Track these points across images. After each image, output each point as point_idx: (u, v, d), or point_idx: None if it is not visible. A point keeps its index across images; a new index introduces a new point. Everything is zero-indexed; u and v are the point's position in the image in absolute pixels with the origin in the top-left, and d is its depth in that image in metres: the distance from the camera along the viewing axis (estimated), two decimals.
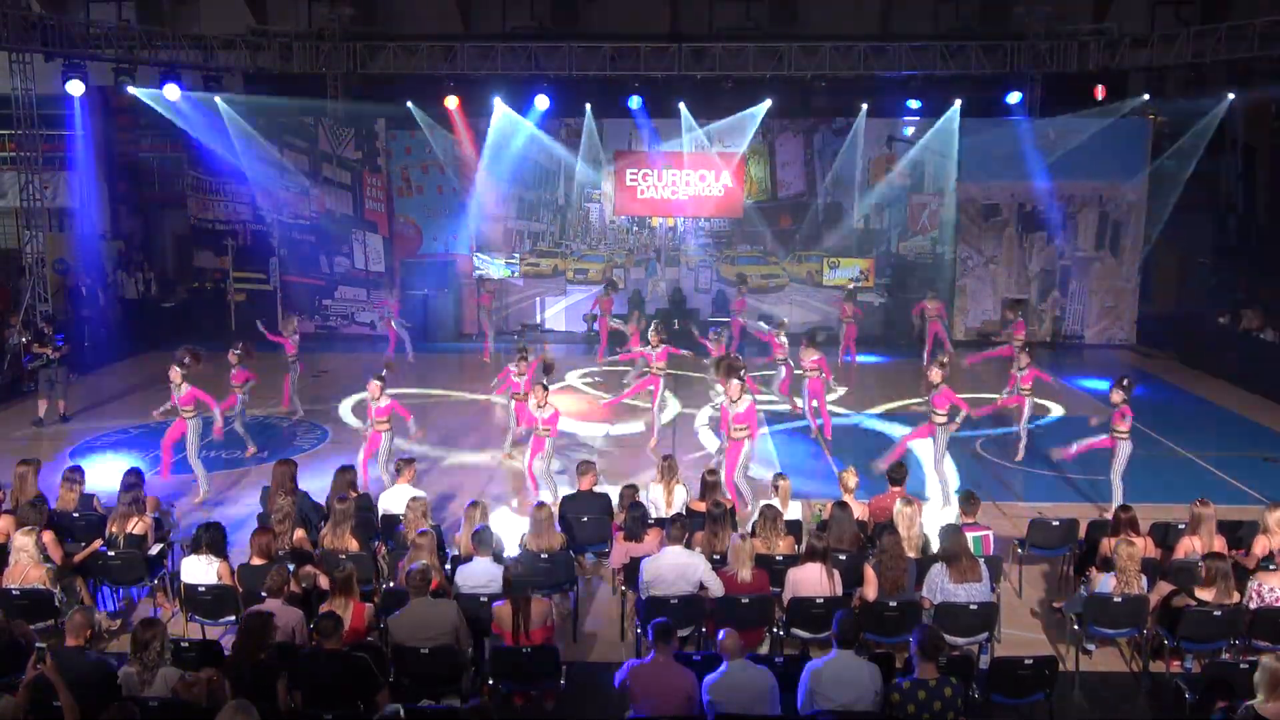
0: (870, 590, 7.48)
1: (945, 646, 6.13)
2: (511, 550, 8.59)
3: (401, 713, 5.66)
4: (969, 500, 8.56)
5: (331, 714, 5.98)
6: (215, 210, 21.48)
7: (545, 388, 10.85)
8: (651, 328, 14.07)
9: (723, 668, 6.10)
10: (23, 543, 7.58)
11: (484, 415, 15.12)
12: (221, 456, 12.71)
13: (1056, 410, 15.15)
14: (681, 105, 19.84)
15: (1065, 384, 12.51)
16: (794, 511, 9.25)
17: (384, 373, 11.25)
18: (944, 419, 10.90)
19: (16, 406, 15.54)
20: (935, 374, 10.99)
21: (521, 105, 20.09)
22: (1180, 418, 15.03)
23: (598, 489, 9.62)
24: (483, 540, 7.70)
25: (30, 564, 7.55)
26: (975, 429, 13.32)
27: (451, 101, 19.91)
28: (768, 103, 19.68)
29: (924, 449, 11.76)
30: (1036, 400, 13.23)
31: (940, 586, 7.39)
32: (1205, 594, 7.28)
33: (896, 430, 13.29)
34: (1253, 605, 7.37)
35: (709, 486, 9.00)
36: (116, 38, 17.86)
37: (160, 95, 18.62)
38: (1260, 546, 8.04)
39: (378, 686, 6.25)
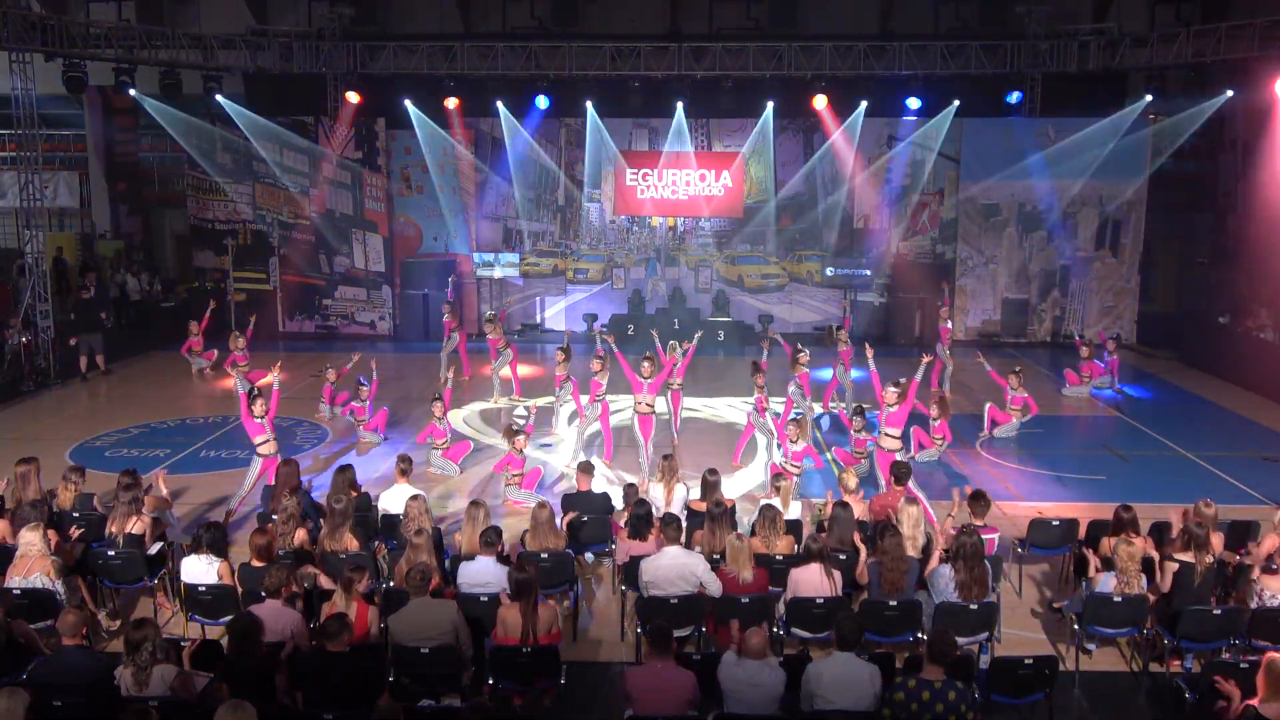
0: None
1: (955, 651, 6.09)
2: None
3: (402, 713, 5.65)
4: (979, 501, 8.54)
5: (332, 714, 5.98)
6: (215, 210, 21.49)
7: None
8: (648, 358, 11.87)
9: (744, 662, 6.10)
10: (30, 538, 7.64)
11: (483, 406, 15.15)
12: (222, 456, 12.72)
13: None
14: (680, 105, 19.84)
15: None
16: (794, 511, 9.24)
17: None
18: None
19: (16, 406, 15.56)
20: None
21: (522, 105, 20.12)
22: (1180, 418, 15.04)
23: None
24: (489, 541, 7.69)
25: (38, 555, 7.60)
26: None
27: (451, 101, 19.91)
28: (770, 105, 19.70)
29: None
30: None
31: (945, 591, 7.38)
32: (1184, 555, 7.46)
33: None
34: (1253, 606, 7.38)
35: (709, 486, 8.99)
36: (116, 38, 17.84)
37: (159, 104, 18.72)
38: (1269, 544, 8.01)
39: (378, 688, 6.24)
